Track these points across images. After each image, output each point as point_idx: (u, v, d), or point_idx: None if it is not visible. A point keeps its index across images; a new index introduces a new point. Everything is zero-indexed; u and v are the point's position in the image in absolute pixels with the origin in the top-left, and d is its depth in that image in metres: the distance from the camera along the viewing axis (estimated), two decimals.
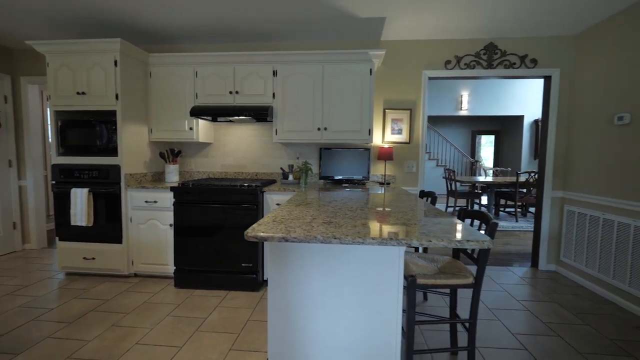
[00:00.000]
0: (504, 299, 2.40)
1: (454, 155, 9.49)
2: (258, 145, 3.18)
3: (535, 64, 2.97)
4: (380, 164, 3.12)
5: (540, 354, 1.72)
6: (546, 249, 3.06)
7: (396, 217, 1.40)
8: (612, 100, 2.49)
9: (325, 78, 2.74)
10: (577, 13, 2.47)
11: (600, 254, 2.53)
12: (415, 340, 1.84)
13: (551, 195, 3.03)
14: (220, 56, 2.76)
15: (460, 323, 1.74)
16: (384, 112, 3.07)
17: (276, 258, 1.29)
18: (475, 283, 1.39)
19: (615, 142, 2.45)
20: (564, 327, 2.01)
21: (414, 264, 1.59)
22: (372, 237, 1.04)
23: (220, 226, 2.47)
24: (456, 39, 3.00)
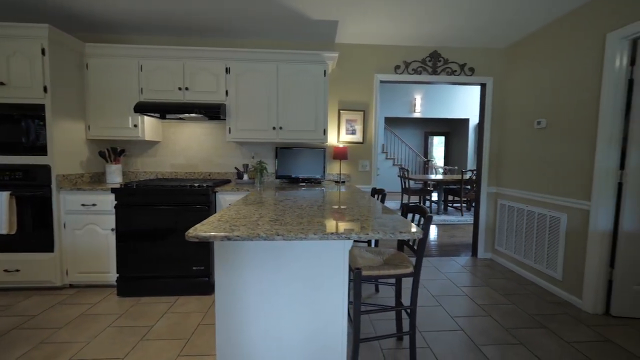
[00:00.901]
0: (447, 286, 2.62)
1: (409, 155, 10.04)
2: (211, 144, 3.07)
3: (472, 72, 3.27)
4: (335, 163, 3.20)
5: (473, 333, 1.91)
6: (484, 239, 3.40)
7: (342, 214, 1.46)
8: (533, 107, 2.84)
9: (280, 77, 2.75)
10: (503, 29, 2.78)
11: (524, 242, 2.88)
12: (365, 329, 1.93)
13: (487, 191, 3.37)
14: (168, 50, 2.63)
15: (403, 310, 1.85)
16: (339, 112, 3.16)
17: (223, 258, 1.28)
18: (414, 272, 1.50)
19: (535, 143, 2.80)
20: (495, 308, 2.25)
21: (361, 257, 1.67)
22: (314, 233, 1.08)
23: (169, 229, 2.35)
24: (405, 46, 3.19)
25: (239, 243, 1.25)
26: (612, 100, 2.12)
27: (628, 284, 2.14)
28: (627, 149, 2.12)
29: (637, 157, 2.08)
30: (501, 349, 1.76)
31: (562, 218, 2.48)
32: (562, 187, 2.50)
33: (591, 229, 2.24)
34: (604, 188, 2.18)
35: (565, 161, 2.48)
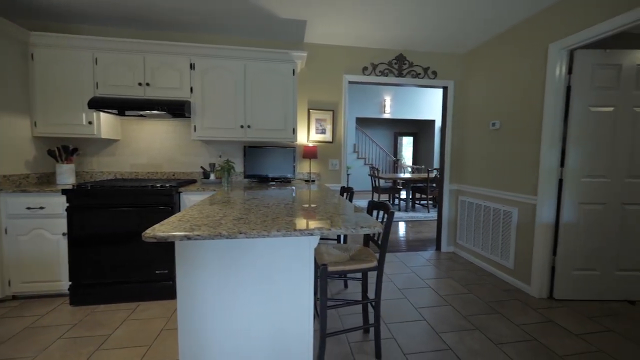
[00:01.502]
0: (412, 279, 2.74)
1: (380, 155, 10.32)
2: (175, 143, 2.95)
3: (435, 75, 3.44)
4: (305, 162, 3.22)
5: (435, 322, 2.02)
6: (446, 234, 3.59)
7: (308, 212, 1.48)
8: (488, 109, 3.05)
9: (247, 75, 2.71)
10: (462, 37, 2.96)
11: (482, 235, 3.09)
12: (334, 324, 1.96)
13: (449, 188, 3.56)
14: (126, 42, 2.48)
15: (369, 303, 1.91)
16: (309, 112, 3.18)
17: (184, 259, 1.24)
18: (378, 266, 1.56)
19: (491, 143, 3.01)
20: (455, 297, 2.39)
21: (328, 254, 1.70)
22: (277, 230, 1.09)
23: (129, 232, 2.23)
24: (372, 48, 3.28)
25: (201, 243, 1.22)
26: (553, 105, 2.34)
27: (568, 270, 2.38)
28: (566, 148, 2.35)
29: (574, 156, 2.32)
30: (459, 334, 1.88)
31: (513, 212, 2.69)
32: (513, 184, 2.71)
33: (537, 221, 2.45)
34: (547, 184, 2.40)
35: (516, 160, 2.69)
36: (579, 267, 2.38)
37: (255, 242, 1.26)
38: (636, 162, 2.31)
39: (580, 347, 1.78)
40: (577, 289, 2.39)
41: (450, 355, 1.68)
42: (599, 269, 2.38)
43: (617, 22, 1.91)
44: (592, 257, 2.37)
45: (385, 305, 2.23)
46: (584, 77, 2.28)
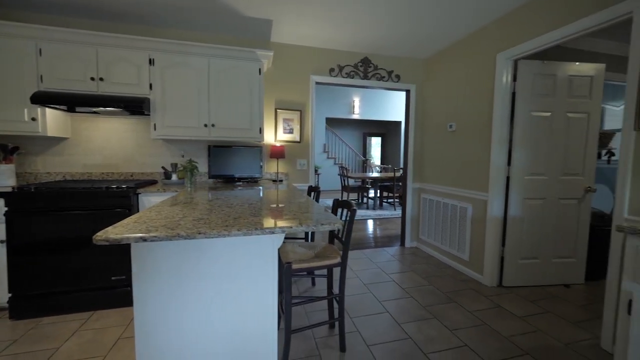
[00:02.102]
0: (377, 274, 2.85)
1: (349, 155, 10.52)
2: (134, 142, 2.80)
3: (399, 79, 3.60)
4: (273, 162, 3.21)
5: (397, 313, 2.13)
6: (410, 230, 3.77)
7: (272, 211, 1.49)
8: (446, 112, 3.26)
9: (211, 73, 2.64)
10: (422, 43, 3.13)
11: (442, 230, 3.29)
12: (301, 321, 1.99)
13: (412, 187, 3.75)
14: (76, 33, 2.31)
15: (333, 298, 1.96)
16: (276, 111, 3.18)
17: (141, 263, 1.19)
18: (342, 262, 1.61)
19: (448, 144, 3.21)
20: (416, 289, 2.53)
21: (294, 252, 1.73)
22: (238, 229, 1.09)
23: (82, 237, 2.08)
24: (339, 50, 3.35)
25: (158, 245, 1.19)
26: (500, 109, 2.57)
27: (514, 259, 2.62)
28: (512, 149, 2.59)
29: (519, 156, 2.56)
30: (418, 324, 2.00)
31: (468, 208, 2.90)
32: (468, 182, 2.92)
33: (489, 216, 2.67)
34: (497, 182, 2.62)
35: (470, 159, 2.90)
36: (523, 256, 2.63)
37: (216, 243, 1.25)
38: (569, 162, 2.60)
39: (523, 328, 1.97)
40: (522, 276, 2.64)
41: (409, 344, 1.78)
42: (539, 257, 2.65)
43: (551, 37, 2.14)
44: (534, 247, 2.63)
45: (351, 300, 2.30)
46: (526, 85, 2.52)
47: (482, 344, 1.79)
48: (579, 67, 2.57)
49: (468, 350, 1.74)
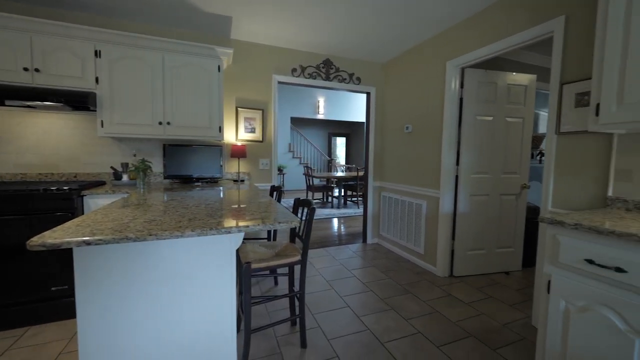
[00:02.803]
0: (339, 271, 2.93)
1: (314, 154, 10.61)
2: (78, 140, 2.58)
3: (360, 81, 3.72)
4: (234, 161, 3.14)
5: (357, 307, 2.21)
6: (371, 227, 3.92)
7: (230, 211, 1.47)
8: (403, 114, 3.44)
9: (166, 68, 2.52)
10: (380, 48, 3.27)
11: (400, 226, 3.47)
12: (263, 321, 1.99)
13: (373, 185, 3.90)
14: (6, 18, 2.07)
15: (294, 296, 1.98)
16: (237, 110, 3.12)
17: (85, 270, 1.12)
18: (302, 259, 1.64)
19: (405, 145, 3.40)
20: (376, 283, 2.65)
21: (254, 252, 1.72)
22: (192, 230, 1.07)
23: (14, 245, 1.87)
24: (301, 51, 3.38)
25: (105, 249, 1.12)
26: (450, 113, 2.78)
27: (463, 251, 2.85)
28: (460, 150, 2.81)
29: (466, 157, 2.79)
30: (377, 316, 2.10)
31: (423, 205, 3.10)
32: (423, 180, 3.12)
33: (441, 211, 2.87)
34: (447, 180, 2.83)
35: (424, 159, 3.10)
36: (470, 248, 2.87)
37: (171, 245, 1.21)
38: (508, 162, 2.90)
39: (468, 313, 2.17)
40: (470, 266, 2.88)
41: (368, 335, 1.87)
42: (484, 248, 2.91)
43: (491, 49, 2.37)
44: (479, 239, 2.89)
45: (314, 297, 2.34)
46: (472, 91, 2.76)
47: (434, 330, 1.94)
48: (515, 77, 2.87)
49: (421, 336, 1.87)
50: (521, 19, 2.14)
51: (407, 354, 1.70)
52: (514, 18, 2.19)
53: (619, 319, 1.10)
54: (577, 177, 1.81)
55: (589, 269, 1.19)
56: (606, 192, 1.66)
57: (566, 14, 1.87)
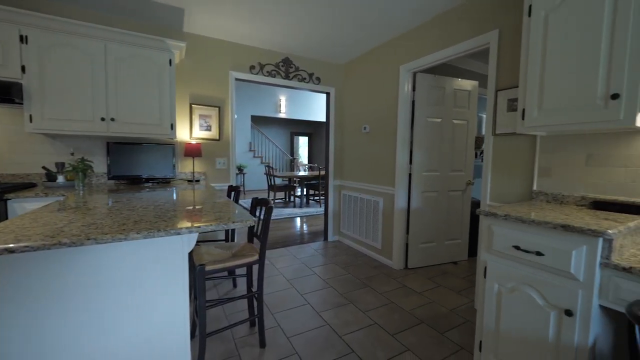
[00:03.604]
0: (300, 269, 2.94)
1: (276, 154, 10.50)
2: (0, 136, 2.26)
3: (319, 81, 3.77)
4: (188, 160, 3.00)
5: (317, 303, 2.25)
6: (332, 225, 4.00)
7: (181, 211, 1.41)
8: (361, 115, 3.56)
9: (109, 60, 2.32)
10: (339, 50, 3.35)
11: (359, 222, 3.59)
12: (221, 324, 1.93)
13: (334, 184, 3.98)
14: None
15: (252, 296, 1.96)
16: (191, 107, 2.97)
17: (8, 283, 0.99)
18: (260, 259, 1.63)
19: (363, 144, 3.53)
20: (336, 279, 2.71)
21: (209, 253, 1.67)
22: (137, 232, 1.01)
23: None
24: (259, 48, 3.32)
25: (33, 257, 1.01)
26: (403, 115, 2.94)
27: (416, 244, 3.04)
28: (412, 150, 2.99)
29: (418, 156, 2.97)
30: (336, 310, 2.15)
31: (380, 201, 3.24)
32: (380, 178, 3.26)
33: (396, 208, 3.03)
34: (401, 178, 2.99)
35: (381, 158, 3.25)
36: (423, 241, 3.07)
37: (114, 250, 1.12)
38: (455, 160, 3.15)
39: (421, 301, 2.32)
40: (422, 258, 3.08)
41: (327, 330, 1.91)
42: (435, 241, 3.14)
43: (438, 55, 2.55)
44: (431, 233, 3.10)
45: (274, 297, 2.33)
46: (422, 95, 2.95)
47: (389, 320, 2.05)
48: (461, 82, 3.12)
49: (377, 327, 1.96)
50: (464, 30, 2.33)
51: (363, 344, 1.77)
52: (458, 28, 2.38)
53: (539, 296, 1.27)
54: (510, 173, 2.04)
55: (516, 254, 1.34)
56: (532, 187, 1.89)
57: (499, 29, 2.08)
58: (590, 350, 1.14)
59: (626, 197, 1.47)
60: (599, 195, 1.57)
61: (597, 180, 1.58)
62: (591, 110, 1.33)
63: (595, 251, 1.11)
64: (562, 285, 1.19)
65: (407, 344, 1.79)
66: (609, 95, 1.27)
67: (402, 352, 1.71)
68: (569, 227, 1.15)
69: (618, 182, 1.50)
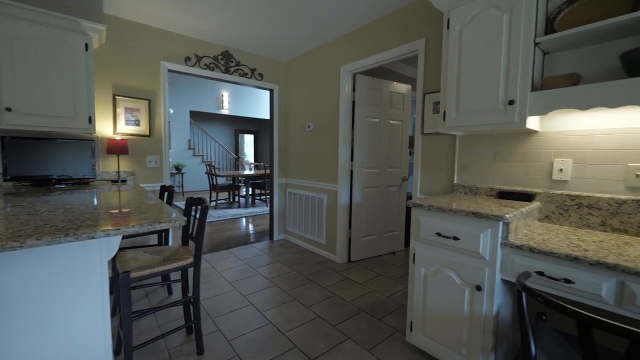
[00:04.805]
0: (244, 270, 2.86)
1: (220, 152, 10.00)
2: None
3: (262, 77, 3.69)
4: (113, 158, 2.68)
5: (260, 303, 2.21)
6: (278, 223, 3.97)
7: (100, 214, 1.26)
8: (305, 113, 3.60)
9: (5, 38, 1.94)
10: (282, 47, 3.33)
11: (304, 220, 3.63)
12: (151, 334, 1.77)
13: (279, 182, 3.94)
14: None
15: (188, 301, 1.84)
16: (115, 98, 2.66)
17: None
18: (195, 261, 1.53)
19: (307, 142, 3.57)
20: (281, 278, 2.70)
21: (136, 259, 1.51)
22: (37, 238, 0.87)
23: None
24: (196, 39, 3.12)
25: None
26: (344, 114, 3.05)
27: (358, 238, 3.19)
28: (353, 148, 3.13)
29: (358, 154, 3.12)
30: (280, 308, 2.15)
31: (324, 198, 3.31)
32: (323, 175, 3.34)
33: (339, 204, 3.13)
34: (343, 174, 3.10)
35: (324, 156, 3.32)
36: (364, 234, 3.24)
37: (13, 261, 0.95)
38: (391, 158, 3.38)
39: (362, 292, 2.44)
40: (364, 250, 3.25)
41: (270, 328, 1.90)
42: (375, 233, 3.33)
43: (374, 59, 2.71)
44: (371, 226, 3.28)
45: (214, 301, 2.22)
46: (362, 95, 3.10)
47: (331, 312, 2.11)
48: (396, 85, 3.36)
49: (320, 320, 2.01)
50: (397, 36, 2.51)
51: (306, 338, 1.80)
52: (391, 34, 2.55)
53: (456, 276, 1.44)
54: (436, 169, 2.26)
55: (438, 240, 1.50)
56: (453, 180, 2.13)
57: (426, 37, 2.29)
58: (495, 317, 1.34)
59: (522, 187, 1.76)
60: (503, 187, 1.84)
61: (502, 173, 1.85)
62: (495, 113, 1.55)
63: (497, 233, 1.30)
64: (473, 264, 1.37)
65: (347, 332, 1.87)
66: (507, 101, 1.50)
67: (343, 341, 1.78)
68: (478, 214, 1.33)
69: (516, 175, 1.78)
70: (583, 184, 1.52)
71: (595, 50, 1.45)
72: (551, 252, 1.14)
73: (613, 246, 1.18)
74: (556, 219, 1.58)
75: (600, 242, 1.24)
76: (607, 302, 1.04)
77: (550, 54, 1.58)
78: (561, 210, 1.56)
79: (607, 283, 1.04)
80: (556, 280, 1.13)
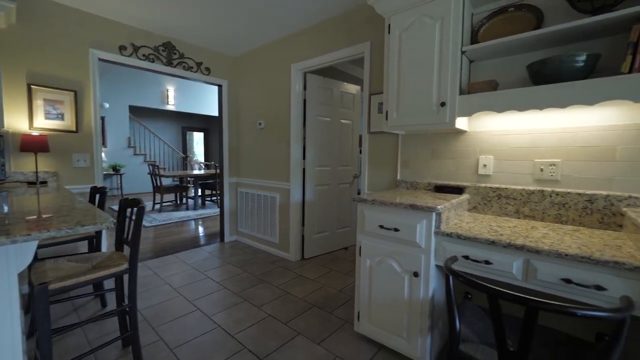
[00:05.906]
0: (191, 275, 2.71)
1: (165, 151, 9.30)
2: None
3: (209, 72, 3.52)
4: (29, 157, 2.33)
5: (208, 307, 2.12)
6: (229, 224, 3.83)
7: (5, 221, 1.08)
8: (256, 111, 3.52)
9: None
10: (232, 40, 3.21)
11: (257, 220, 3.55)
12: (80, 351, 1.58)
13: (229, 181, 3.80)
14: None
15: (123, 311, 1.69)
16: (30, 88, 2.31)
17: None
18: (130, 267, 1.41)
19: (259, 140, 3.50)
20: (231, 280, 2.61)
21: (57, 269, 1.34)
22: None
23: None
24: (133, 27, 2.85)
25: None
26: (296, 112, 3.06)
27: (311, 235, 3.23)
28: (305, 146, 3.15)
29: (310, 152, 3.15)
30: (229, 311, 2.08)
31: (276, 197, 3.29)
32: (276, 174, 3.30)
33: (291, 202, 3.13)
34: (295, 173, 3.11)
35: (276, 154, 3.29)
36: (317, 231, 3.29)
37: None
38: (342, 156, 3.48)
39: (314, 287, 2.48)
40: (317, 247, 3.30)
41: (218, 332, 1.83)
42: (328, 230, 3.40)
43: (324, 59, 2.75)
44: (323, 223, 3.34)
45: (156, 309, 2.07)
46: (313, 94, 3.13)
47: (283, 310, 2.11)
48: (346, 86, 3.47)
49: (271, 319, 1.99)
50: (344, 38, 2.59)
51: (256, 338, 1.77)
52: (341, 35, 2.62)
53: (397, 265, 1.54)
54: (381, 166, 2.39)
55: (381, 232, 1.59)
56: (397, 176, 2.27)
57: (371, 40, 2.40)
58: (431, 300, 1.46)
59: (454, 181, 1.94)
60: (439, 181, 2.01)
61: (438, 169, 2.02)
62: (430, 114, 1.69)
63: (431, 223, 1.42)
64: (411, 253, 1.49)
65: (298, 328, 1.88)
66: (439, 103, 1.64)
67: (294, 337, 1.79)
68: (414, 206, 1.44)
69: (449, 170, 1.96)
70: (502, 177, 1.73)
71: (510, 61, 1.67)
72: (474, 237, 1.28)
73: (523, 230, 1.37)
74: (482, 209, 1.78)
75: (514, 227, 1.43)
76: (516, 278, 1.21)
77: (475, 62, 1.78)
78: (485, 201, 1.76)
79: (516, 262, 1.20)
80: (479, 262, 1.28)
